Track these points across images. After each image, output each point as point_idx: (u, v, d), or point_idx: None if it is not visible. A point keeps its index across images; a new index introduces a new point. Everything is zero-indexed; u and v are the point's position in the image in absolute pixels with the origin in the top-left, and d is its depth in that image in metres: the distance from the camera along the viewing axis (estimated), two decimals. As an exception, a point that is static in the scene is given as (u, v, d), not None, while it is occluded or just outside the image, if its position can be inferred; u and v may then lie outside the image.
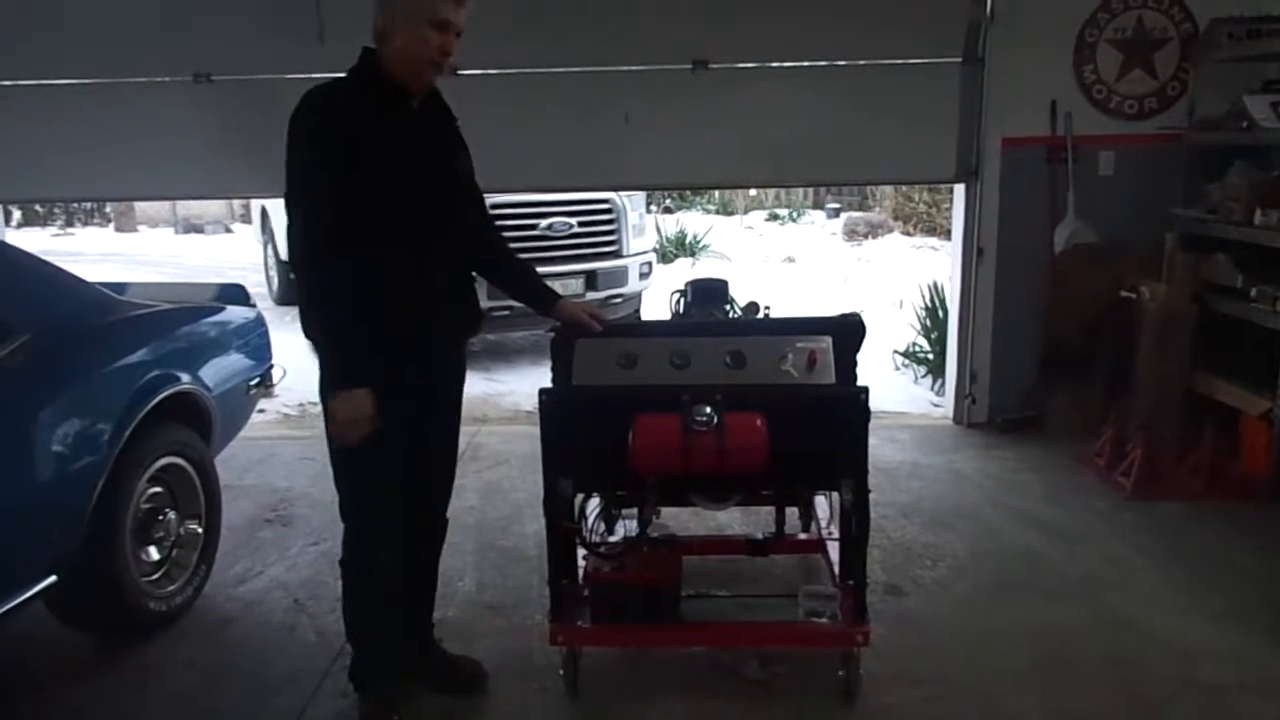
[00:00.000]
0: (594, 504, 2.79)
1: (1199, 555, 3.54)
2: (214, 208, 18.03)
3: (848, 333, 2.63)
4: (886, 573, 3.41)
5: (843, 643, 2.65)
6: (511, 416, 5.66)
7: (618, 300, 7.02)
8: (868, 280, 10.46)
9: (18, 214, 16.44)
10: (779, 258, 12.79)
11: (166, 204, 17.83)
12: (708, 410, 2.44)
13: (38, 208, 17.54)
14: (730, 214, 17.13)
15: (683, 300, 3.10)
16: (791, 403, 2.52)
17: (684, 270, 10.90)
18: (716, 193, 16.90)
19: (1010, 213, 4.87)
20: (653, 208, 11.52)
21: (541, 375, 2.78)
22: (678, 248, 12.84)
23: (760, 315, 2.98)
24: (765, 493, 2.84)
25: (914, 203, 14.90)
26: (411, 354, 2.42)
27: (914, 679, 2.76)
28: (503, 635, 3.04)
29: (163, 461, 3.07)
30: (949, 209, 7.84)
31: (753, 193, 17.46)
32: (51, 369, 2.71)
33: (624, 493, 2.73)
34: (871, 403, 2.52)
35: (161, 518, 3.10)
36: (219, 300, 3.85)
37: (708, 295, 3.07)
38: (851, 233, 14.64)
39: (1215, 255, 4.18)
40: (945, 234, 10.74)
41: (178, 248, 15.74)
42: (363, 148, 2.29)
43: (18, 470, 2.56)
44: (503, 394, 6.22)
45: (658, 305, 6.36)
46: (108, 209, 18.91)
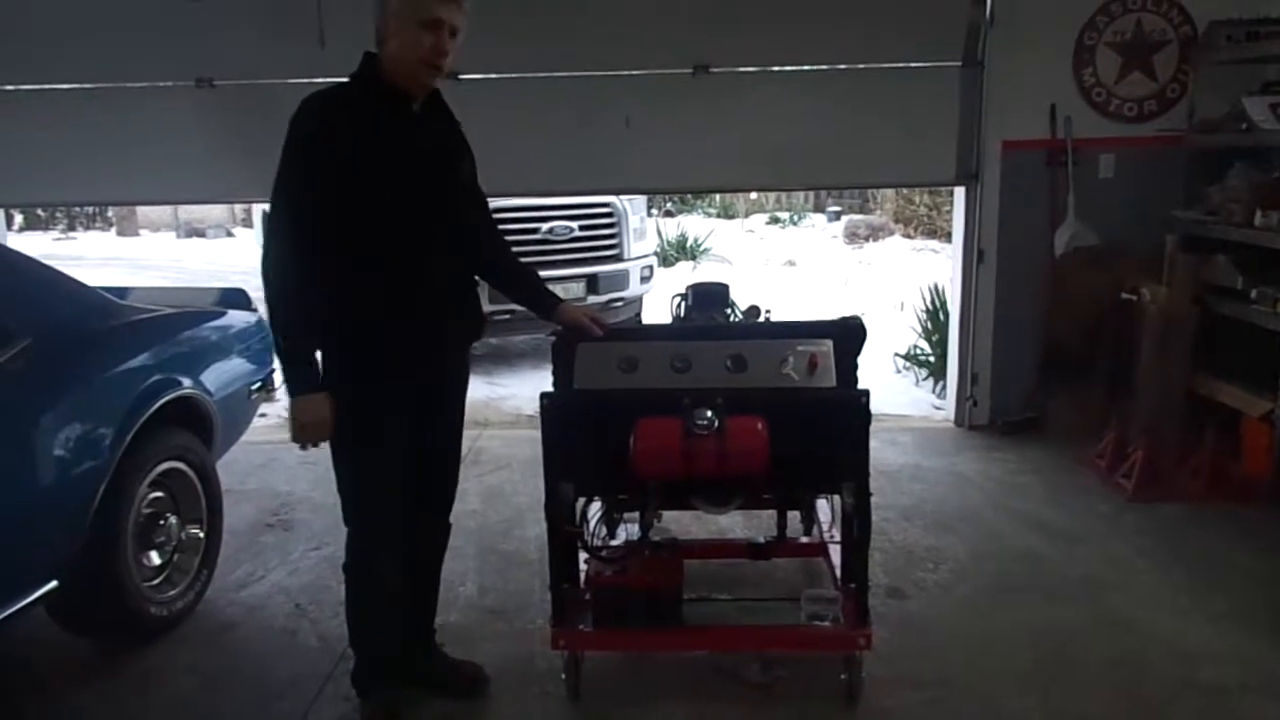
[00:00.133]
0: (595, 508, 2.79)
1: (1200, 557, 3.54)
2: (216, 212, 18.09)
3: (848, 336, 2.63)
4: (888, 575, 3.41)
5: (845, 646, 2.64)
6: (513, 420, 5.67)
7: (619, 304, 7.01)
8: (868, 283, 10.48)
9: (19, 218, 16.48)
10: (780, 261, 12.82)
11: (168, 208, 17.89)
12: (709, 414, 2.44)
13: (39, 212, 17.58)
14: (731, 217, 17.17)
15: (684, 304, 3.09)
16: (792, 406, 2.52)
17: (685, 274, 10.92)
18: (717, 196, 16.94)
19: (1010, 215, 4.87)
20: (654, 211, 11.51)
21: (543, 379, 2.78)
22: (679, 251, 12.87)
23: (761, 319, 2.98)
24: (766, 496, 2.83)
25: (914, 206, 14.92)
26: (415, 358, 2.43)
27: (916, 681, 2.76)
28: (504, 639, 3.04)
29: (164, 466, 3.07)
30: (949, 212, 7.84)
31: (753, 196, 17.52)
32: (53, 373, 2.71)
33: (625, 496, 2.73)
34: (872, 405, 2.52)
35: (163, 522, 3.11)
36: (220, 305, 3.84)
37: (709, 299, 3.07)
38: (852, 236, 14.67)
39: (1216, 257, 4.18)
40: (946, 237, 10.76)
41: (179, 252, 15.78)
42: (362, 152, 2.29)
43: (19, 475, 2.56)
44: (504, 398, 6.22)
45: (659, 309, 6.39)
46: (109, 213, 18.97)
